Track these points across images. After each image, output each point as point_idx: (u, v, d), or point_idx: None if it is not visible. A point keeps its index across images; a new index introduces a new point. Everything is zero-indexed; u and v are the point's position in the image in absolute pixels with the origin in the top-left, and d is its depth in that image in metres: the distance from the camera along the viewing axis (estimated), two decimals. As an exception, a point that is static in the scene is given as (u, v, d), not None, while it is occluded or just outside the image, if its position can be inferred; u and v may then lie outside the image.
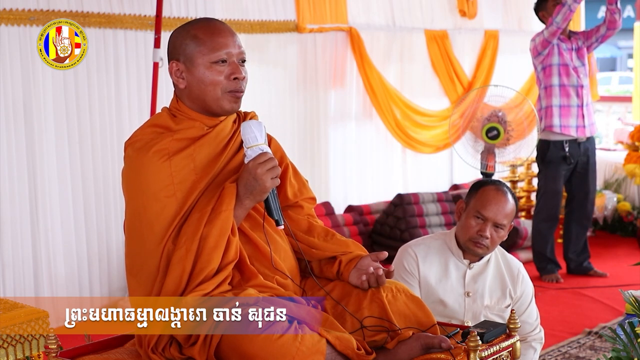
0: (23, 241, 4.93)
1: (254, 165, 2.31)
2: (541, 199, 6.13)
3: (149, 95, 5.26)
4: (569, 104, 5.92)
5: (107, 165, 5.25)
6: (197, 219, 2.30)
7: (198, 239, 2.28)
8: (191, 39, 2.41)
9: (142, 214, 2.33)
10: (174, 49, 2.45)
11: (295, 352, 2.12)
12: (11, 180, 4.85)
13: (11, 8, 4.77)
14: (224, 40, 2.40)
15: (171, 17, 5.47)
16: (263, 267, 2.40)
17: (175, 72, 2.45)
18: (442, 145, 7.56)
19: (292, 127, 6.40)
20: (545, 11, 6.00)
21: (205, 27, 2.42)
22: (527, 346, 3.22)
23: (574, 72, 5.92)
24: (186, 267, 2.27)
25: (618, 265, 6.41)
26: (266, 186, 2.32)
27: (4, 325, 3.18)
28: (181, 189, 2.34)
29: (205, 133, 2.41)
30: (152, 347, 2.28)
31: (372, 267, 2.40)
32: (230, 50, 2.40)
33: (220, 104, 2.41)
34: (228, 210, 2.30)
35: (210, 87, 2.40)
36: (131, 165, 2.38)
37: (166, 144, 2.36)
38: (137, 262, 2.35)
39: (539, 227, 6.10)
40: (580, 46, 6.00)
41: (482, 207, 3.14)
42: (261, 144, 2.35)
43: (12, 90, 4.83)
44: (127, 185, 2.39)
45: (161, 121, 2.46)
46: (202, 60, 2.39)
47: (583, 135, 5.97)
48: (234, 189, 2.33)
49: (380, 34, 7.00)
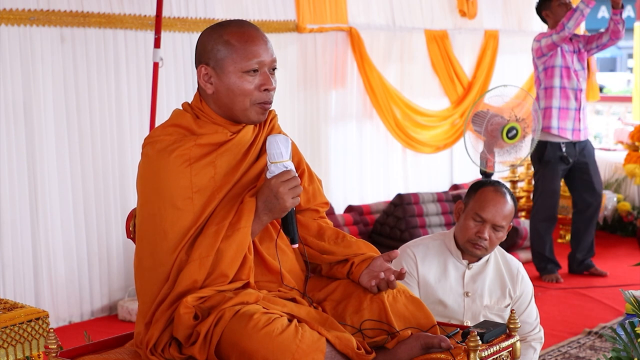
0: (23, 241, 4.93)
1: (277, 183, 2.27)
2: (539, 199, 6.13)
3: (149, 95, 5.26)
4: (567, 107, 5.93)
5: (107, 165, 5.25)
6: (214, 232, 2.26)
7: (213, 254, 2.25)
8: (223, 44, 2.33)
9: (157, 220, 2.29)
10: (204, 52, 2.37)
11: (295, 350, 2.12)
12: (11, 180, 4.85)
13: (11, 8, 4.77)
14: (257, 48, 2.33)
15: (171, 17, 5.47)
16: (268, 282, 2.38)
17: (203, 76, 2.37)
18: (442, 145, 7.57)
19: (292, 127, 6.40)
20: (549, 10, 6.00)
21: (239, 33, 2.34)
22: (527, 346, 3.22)
23: (574, 75, 5.94)
24: (197, 281, 2.25)
25: (618, 265, 6.41)
26: (286, 205, 2.28)
27: (4, 325, 3.18)
28: (199, 197, 2.30)
29: (229, 139, 2.36)
30: (150, 348, 2.28)
31: (383, 272, 2.37)
32: (263, 59, 2.34)
33: (247, 115, 2.36)
34: (247, 227, 2.27)
35: (240, 97, 2.34)
36: (150, 166, 2.33)
37: (188, 149, 2.31)
38: (146, 267, 2.33)
39: (537, 227, 6.10)
40: (581, 50, 6.01)
41: (481, 209, 3.14)
42: (286, 160, 2.30)
43: (12, 90, 4.83)
44: (144, 187, 2.35)
45: (184, 122, 2.38)
46: (233, 68, 2.32)
47: (578, 139, 5.99)
48: (254, 205, 2.29)
49: (380, 34, 7.00)
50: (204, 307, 2.24)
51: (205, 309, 2.23)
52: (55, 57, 4.99)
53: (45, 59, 4.95)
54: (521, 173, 7.73)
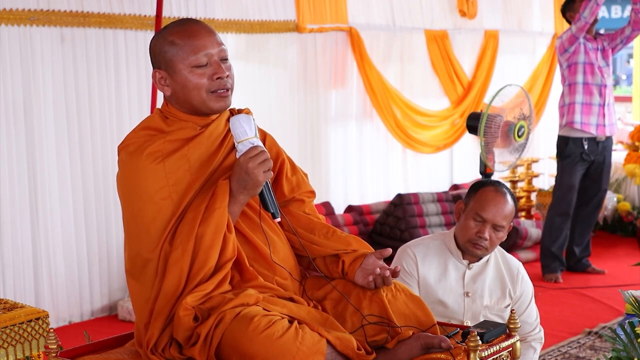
0: (23, 241, 4.93)
1: (245, 159, 2.30)
2: (556, 192, 6.18)
3: (149, 95, 5.26)
4: (591, 102, 5.99)
5: (107, 165, 5.25)
6: (192, 219, 2.29)
7: (194, 239, 2.27)
8: (169, 45, 2.37)
9: (138, 218, 2.32)
10: (154, 57, 2.42)
11: (296, 352, 2.12)
12: (11, 180, 4.85)
13: (11, 8, 4.77)
14: (202, 42, 2.37)
15: (171, 17, 5.46)
16: (262, 268, 2.39)
17: (159, 80, 2.41)
18: (442, 145, 7.57)
19: (292, 127, 6.40)
20: (573, 12, 6.06)
21: (182, 31, 2.38)
22: (527, 346, 3.22)
23: (598, 72, 6.01)
24: (183, 268, 2.26)
25: (618, 265, 6.41)
26: (259, 180, 2.30)
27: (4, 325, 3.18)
28: (176, 190, 2.32)
29: (198, 133, 2.39)
30: (151, 348, 2.28)
31: (379, 268, 2.38)
32: (210, 51, 2.37)
33: (207, 105, 2.39)
34: (222, 208, 2.29)
35: (194, 91, 2.37)
36: (125, 170, 2.36)
37: (159, 145, 2.34)
38: (137, 265, 2.34)
39: (553, 221, 6.13)
40: (606, 47, 6.09)
41: (481, 209, 3.14)
42: (251, 137, 2.33)
43: (12, 90, 4.83)
44: (123, 190, 2.38)
45: (153, 123, 2.43)
46: (182, 66, 2.36)
47: (602, 134, 6.04)
48: (227, 186, 2.32)
49: (380, 34, 7.00)
50: (204, 308, 2.24)
51: (205, 310, 2.23)
52: (55, 57, 4.99)
53: (45, 59, 4.95)
54: (521, 173, 7.73)
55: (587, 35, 6.01)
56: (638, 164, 7.65)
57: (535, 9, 8.51)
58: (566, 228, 6.14)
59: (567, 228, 6.14)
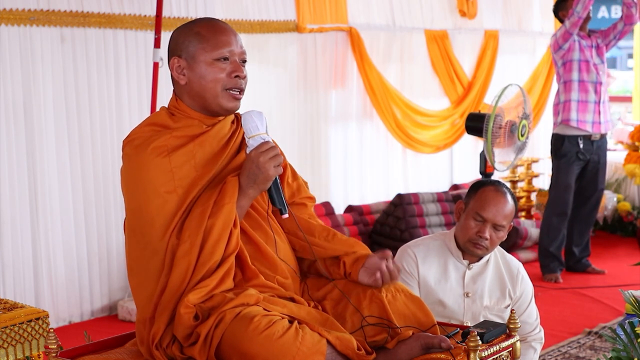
0: (23, 241, 4.93)
1: (256, 154, 2.31)
2: (552, 192, 6.17)
3: (149, 95, 5.26)
4: (586, 100, 5.99)
5: (107, 165, 5.25)
6: (200, 213, 2.29)
7: (202, 232, 2.27)
8: (194, 36, 2.41)
9: (143, 211, 2.31)
10: (176, 46, 2.45)
11: (296, 352, 2.12)
12: (11, 180, 4.85)
13: (11, 8, 4.77)
14: (227, 38, 2.41)
15: (171, 17, 5.47)
16: (264, 267, 2.39)
17: (176, 68, 2.44)
18: (442, 145, 7.57)
19: (292, 127, 6.40)
20: (565, 10, 6.05)
21: (209, 26, 2.43)
22: (527, 346, 3.22)
23: (593, 69, 6.01)
24: (191, 261, 2.27)
25: (618, 265, 6.41)
26: (269, 174, 2.32)
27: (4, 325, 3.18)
28: (182, 185, 2.33)
29: (204, 131, 2.41)
30: (156, 344, 2.28)
31: (384, 264, 2.39)
32: (233, 49, 2.41)
33: (219, 102, 2.41)
34: (231, 203, 2.30)
35: (211, 84, 2.39)
36: (130, 163, 2.37)
37: (165, 140, 2.35)
38: (140, 261, 2.34)
39: (551, 221, 6.12)
40: (600, 44, 6.09)
41: (481, 209, 3.14)
42: (262, 133, 2.36)
43: (12, 90, 4.83)
44: (127, 184, 2.38)
45: (159, 120, 2.44)
46: (204, 57, 2.39)
47: (598, 132, 6.04)
48: (236, 182, 2.33)
49: (380, 34, 7.00)
50: (205, 307, 2.24)
51: (205, 310, 2.23)
52: (55, 57, 4.99)
53: (45, 59, 4.95)
54: (521, 173, 7.73)
55: (581, 33, 6.01)
56: (638, 164, 7.65)
57: (535, 9, 8.51)
58: (564, 227, 6.14)
59: (564, 227, 6.14)
